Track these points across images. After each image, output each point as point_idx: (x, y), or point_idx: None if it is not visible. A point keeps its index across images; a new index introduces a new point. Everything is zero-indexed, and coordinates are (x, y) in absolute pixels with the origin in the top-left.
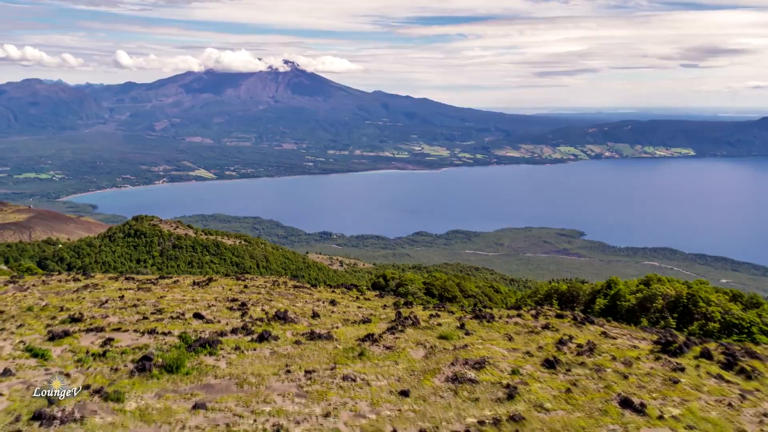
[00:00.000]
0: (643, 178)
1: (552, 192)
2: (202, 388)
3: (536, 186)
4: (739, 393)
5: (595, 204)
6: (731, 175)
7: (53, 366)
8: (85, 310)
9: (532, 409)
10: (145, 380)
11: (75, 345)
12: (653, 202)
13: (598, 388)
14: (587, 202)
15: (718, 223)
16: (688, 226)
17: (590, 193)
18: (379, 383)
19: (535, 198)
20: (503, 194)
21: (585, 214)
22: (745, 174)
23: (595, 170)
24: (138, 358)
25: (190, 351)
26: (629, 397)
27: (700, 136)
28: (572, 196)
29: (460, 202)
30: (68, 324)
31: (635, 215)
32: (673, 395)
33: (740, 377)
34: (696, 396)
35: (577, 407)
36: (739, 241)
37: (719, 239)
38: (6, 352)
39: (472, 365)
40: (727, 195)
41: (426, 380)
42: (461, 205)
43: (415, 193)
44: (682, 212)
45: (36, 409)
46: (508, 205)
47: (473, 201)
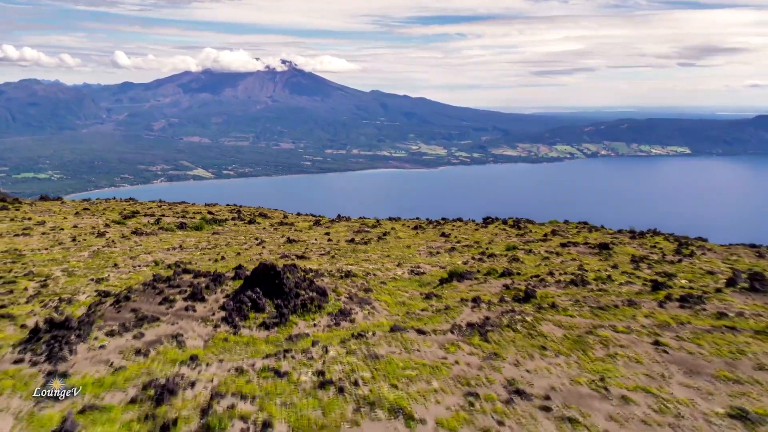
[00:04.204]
0: (639, 175)
1: (549, 190)
2: (212, 235)
3: (533, 184)
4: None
5: (594, 203)
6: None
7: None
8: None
9: None
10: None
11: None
12: (650, 199)
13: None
14: (585, 201)
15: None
16: (687, 221)
17: (588, 191)
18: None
19: (534, 197)
20: (500, 192)
21: (583, 212)
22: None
23: (590, 168)
24: (178, 223)
25: (207, 223)
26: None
27: (696, 134)
28: (569, 194)
29: (457, 200)
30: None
31: (634, 214)
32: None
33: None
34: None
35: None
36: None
37: (720, 230)
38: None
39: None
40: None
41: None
42: (458, 203)
43: (412, 192)
44: (681, 208)
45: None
46: (506, 203)
47: (470, 199)
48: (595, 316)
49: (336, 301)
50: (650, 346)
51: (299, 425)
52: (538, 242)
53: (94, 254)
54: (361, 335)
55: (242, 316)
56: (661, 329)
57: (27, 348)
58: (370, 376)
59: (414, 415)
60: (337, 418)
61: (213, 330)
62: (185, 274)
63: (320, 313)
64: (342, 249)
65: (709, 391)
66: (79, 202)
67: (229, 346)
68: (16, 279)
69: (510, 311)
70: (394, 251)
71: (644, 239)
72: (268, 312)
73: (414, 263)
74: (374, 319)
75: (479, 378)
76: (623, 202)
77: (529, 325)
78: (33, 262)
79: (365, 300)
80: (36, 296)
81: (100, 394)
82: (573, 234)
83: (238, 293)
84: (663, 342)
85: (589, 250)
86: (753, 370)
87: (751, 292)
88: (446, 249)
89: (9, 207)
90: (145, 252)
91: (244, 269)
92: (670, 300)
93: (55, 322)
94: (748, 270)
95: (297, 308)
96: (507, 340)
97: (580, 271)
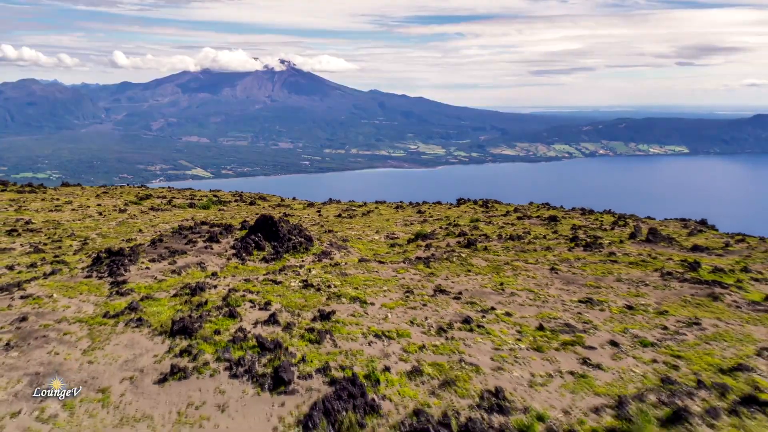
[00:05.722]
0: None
1: (547, 189)
2: (218, 211)
3: (531, 183)
4: (482, 211)
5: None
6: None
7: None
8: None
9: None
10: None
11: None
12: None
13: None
14: (584, 200)
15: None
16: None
17: (587, 191)
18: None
19: (532, 196)
20: (498, 192)
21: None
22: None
23: (588, 168)
24: (188, 203)
25: (213, 204)
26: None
27: (694, 133)
28: (568, 194)
29: (455, 199)
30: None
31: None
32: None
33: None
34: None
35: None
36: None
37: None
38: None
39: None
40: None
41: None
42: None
43: (410, 191)
44: (680, 208)
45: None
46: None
47: (467, 197)
48: (516, 256)
49: (320, 246)
50: (547, 271)
51: (288, 304)
52: (500, 216)
53: (120, 223)
54: (337, 264)
55: (248, 252)
56: (560, 262)
57: (93, 269)
58: (340, 284)
59: (367, 301)
60: (314, 302)
61: (226, 261)
62: (203, 225)
63: (307, 253)
64: (330, 221)
65: (574, 291)
66: (98, 188)
67: (238, 271)
68: (62, 239)
69: (451, 251)
70: (374, 223)
71: (592, 215)
72: (267, 251)
73: (390, 231)
74: (348, 258)
75: (417, 285)
76: (623, 201)
77: (463, 259)
78: (71, 228)
79: (343, 246)
80: (80, 250)
81: (152, 293)
82: (532, 211)
83: (245, 237)
84: (558, 268)
85: (540, 222)
86: (612, 282)
87: (645, 242)
88: (419, 221)
89: (37, 191)
90: (163, 222)
91: (248, 222)
92: (577, 246)
93: (113, 251)
94: (650, 228)
95: (289, 249)
96: (443, 267)
97: (522, 233)
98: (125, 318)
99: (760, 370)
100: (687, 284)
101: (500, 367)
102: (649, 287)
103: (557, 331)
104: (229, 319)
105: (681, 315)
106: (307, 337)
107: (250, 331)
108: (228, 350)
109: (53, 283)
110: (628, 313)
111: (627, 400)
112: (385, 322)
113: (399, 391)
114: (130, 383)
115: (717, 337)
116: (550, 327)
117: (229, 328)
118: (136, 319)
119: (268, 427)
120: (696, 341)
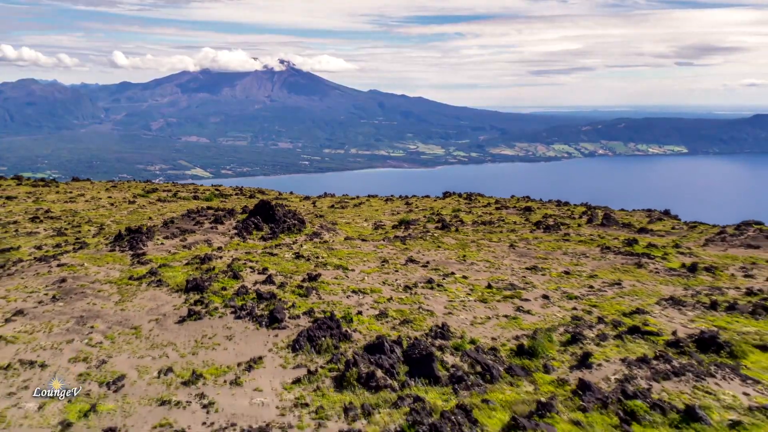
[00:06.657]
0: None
1: (546, 189)
2: (220, 203)
3: (530, 183)
4: (465, 204)
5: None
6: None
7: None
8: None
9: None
10: (196, 201)
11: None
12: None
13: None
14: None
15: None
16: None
17: (586, 190)
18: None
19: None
20: (497, 192)
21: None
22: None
23: (587, 167)
24: (192, 196)
25: (215, 197)
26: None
27: (693, 133)
28: (566, 194)
29: None
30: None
31: None
32: (433, 204)
33: (469, 201)
34: (441, 202)
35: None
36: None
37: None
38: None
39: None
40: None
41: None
42: None
43: (409, 191)
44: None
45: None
46: None
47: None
48: (483, 236)
49: (311, 228)
50: (506, 247)
51: (282, 270)
52: (480, 207)
53: (131, 212)
54: (325, 242)
55: (248, 232)
56: (519, 241)
57: (115, 244)
58: (327, 256)
59: (348, 268)
60: (304, 269)
61: (229, 239)
62: (209, 210)
63: (300, 233)
64: (323, 211)
65: (524, 262)
66: (106, 182)
67: (240, 246)
68: (80, 224)
69: (426, 232)
70: (364, 213)
71: (566, 206)
72: (265, 231)
73: (378, 219)
74: (336, 237)
75: (392, 257)
76: (623, 201)
77: (435, 238)
78: (88, 216)
79: (332, 228)
80: (99, 234)
81: (167, 263)
82: (512, 203)
83: (245, 220)
84: (516, 245)
85: (516, 212)
86: (559, 255)
87: (600, 225)
88: (405, 211)
89: (50, 185)
90: (170, 212)
91: (248, 207)
92: (538, 228)
93: (132, 229)
94: (606, 213)
95: (284, 230)
96: (417, 244)
97: (496, 220)
98: (147, 280)
99: (654, 314)
100: (620, 256)
101: (450, 312)
102: (588, 258)
103: (502, 289)
104: (233, 280)
105: (608, 278)
106: (297, 292)
107: (250, 288)
108: (233, 300)
109: (83, 255)
110: (564, 276)
111: (540, 330)
112: (362, 283)
113: (368, 327)
114: (156, 323)
115: (631, 293)
116: (497, 286)
117: (233, 286)
118: (156, 280)
119: (264, 349)
120: (613, 296)
